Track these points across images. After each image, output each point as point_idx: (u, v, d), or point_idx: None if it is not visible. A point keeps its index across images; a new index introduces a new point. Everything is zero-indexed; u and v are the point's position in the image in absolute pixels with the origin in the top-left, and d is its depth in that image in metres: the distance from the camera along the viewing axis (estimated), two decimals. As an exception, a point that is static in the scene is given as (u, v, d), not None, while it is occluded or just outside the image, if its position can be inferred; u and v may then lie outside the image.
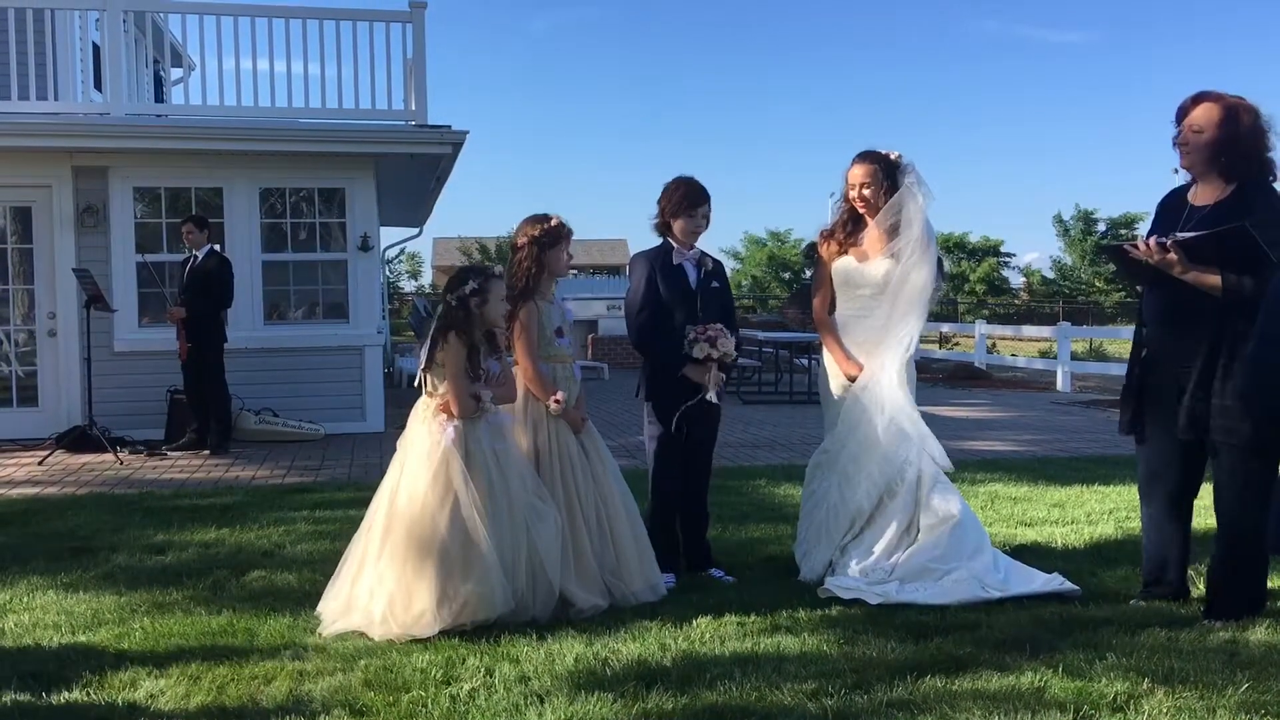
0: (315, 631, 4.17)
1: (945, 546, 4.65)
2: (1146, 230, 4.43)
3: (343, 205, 10.72)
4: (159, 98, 14.14)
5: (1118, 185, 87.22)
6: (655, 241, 5.08)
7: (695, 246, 5.05)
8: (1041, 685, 3.50)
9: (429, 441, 4.28)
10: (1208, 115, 4.10)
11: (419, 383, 4.44)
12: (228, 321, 9.57)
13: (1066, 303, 47.05)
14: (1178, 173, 4.31)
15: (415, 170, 11.50)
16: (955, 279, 48.87)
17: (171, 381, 9.71)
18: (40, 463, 8.67)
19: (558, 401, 4.56)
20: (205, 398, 9.30)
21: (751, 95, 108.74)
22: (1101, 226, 50.46)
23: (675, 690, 3.49)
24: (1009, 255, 53.95)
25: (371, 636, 4.07)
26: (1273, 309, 2.38)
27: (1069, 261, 51.79)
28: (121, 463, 8.68)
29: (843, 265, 4.95)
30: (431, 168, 11.50)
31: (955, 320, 34.45)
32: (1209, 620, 4.15)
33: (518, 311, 4.59)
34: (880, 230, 4.85)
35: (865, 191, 4.85)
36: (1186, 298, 4.08)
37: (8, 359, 10.26)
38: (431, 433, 4.29)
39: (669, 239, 5.01)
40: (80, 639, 4.14)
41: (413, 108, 10.60)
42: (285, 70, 13.54)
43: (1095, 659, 3.75)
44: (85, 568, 5.23)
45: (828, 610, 4.42)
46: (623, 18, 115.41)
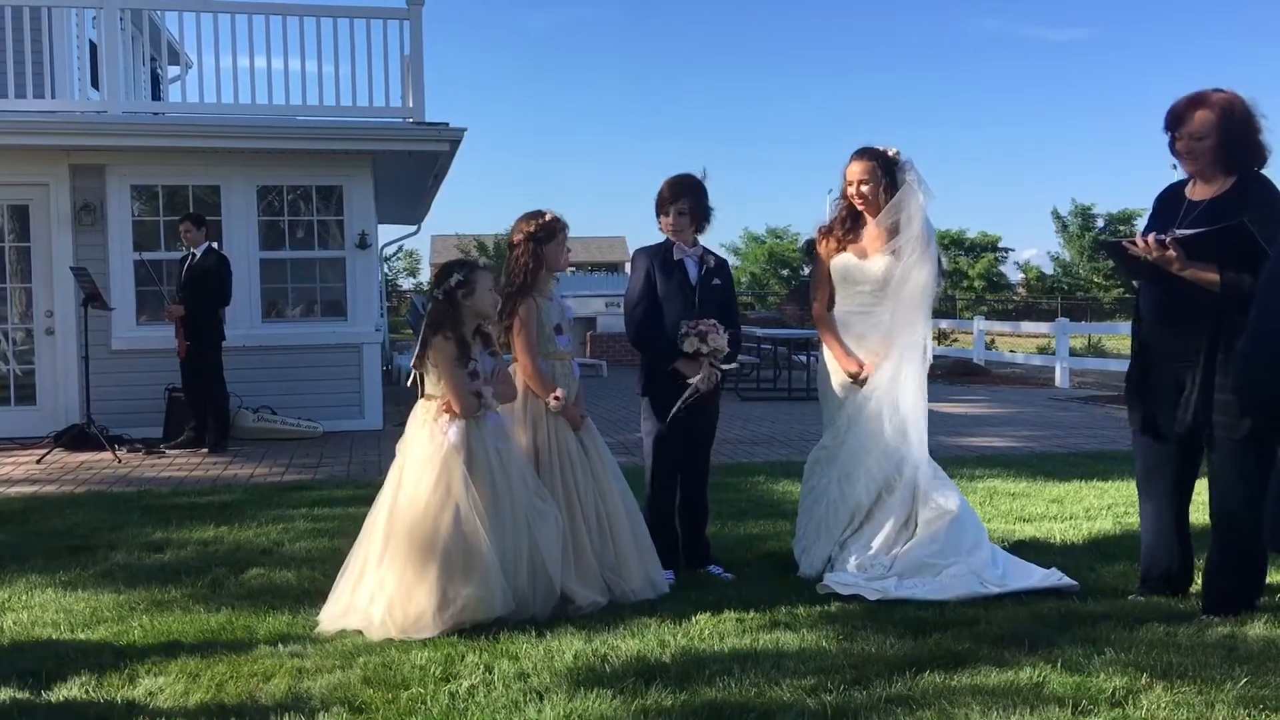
0: (313, 634, 4.16)
1: (943, 541, 4.66)
2: (1144, 225, 4.43)
3: (340, 203, 10.71)
4: (156, 96, 14.13)
5: (1116, 181, 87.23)
6: (656, 238, 5.08)
7: (698, 243, 5.04)
8: (1040, 680, 3.51)
9: (430, 445, 4.25)
10: (1206, 121, 4.10)
11: (412, 382, 4.43)
12: (226, 319, 9.56)
13: (1065, 299, 47.05)
14: (1176, 168, 4.32)
15: (413, 168, 11.48)
16: (953, 275, 48.85)
17: (169, 379, 9.70)
18: (38, 461, 8.67)
19: (557, 399, 4.55)
20: (203, 396, 9.30)
21: (750, 93, 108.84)
22: (1100, 222, 50.44)
23: (674, 687, 3.49)
24: (1007, 251, 54.06)
25: (370, 639, 4.05)
26: (1264, 303, 2.37)
27: (1067, 257, 51.78)
28: (120, 461, 8.68)
29: (842, 262, 4.94)
30: (429, 165, 11.49)
31: (954, 316, 34.42)
32: (1207, 615, 4.15)
33: (517, 309, 4.58)
34: (880, 228, 4.84)
35: (864, 188, 4.84)
36: (1184, 293, 4.08)
37: (6, 357, 10.24)
38: (433, 435, 4.26)
39: (668, 236, 5.01)
40: (79, 637, 4.14)
41: (410, 105, 10.57)
42: (282, 68, 13.50)
43: (1094, 654, 3.75)
44: (84, 566, 5.22)
45: (827, 606, 4.42)
46: (621, 15, 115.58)
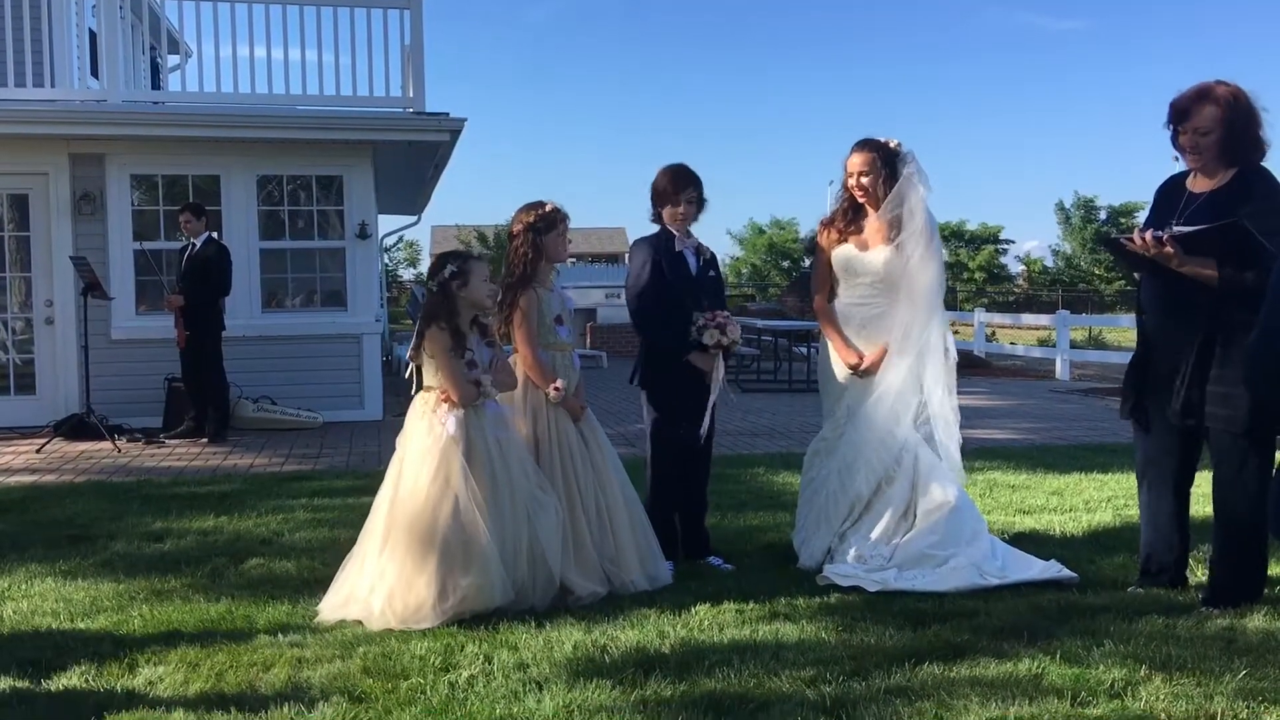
0: (313, 624, 4.16)
1: (942, 532, 4.66)
2: (1145, 217, 4.42)
3: (340, 193, 10.69)
4: (156, 85, 14.08)
5: (1119, 173, 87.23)
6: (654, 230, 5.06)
7: (692, 235, 5.03)
8: (1039, 672, 3.51)
9: (429, 437, 4.25)
10: (1212, 116, 4.09)
11: (409, 374, 4.43)
12: (225, 309, 9.56)
13: (1066, 290, 47.06)
14: (1178, 160, 4.30)
15: (413, 158, 11.46)
16: (954, 267, 48.84)
17: (169, 369, 9.70)
18: (38, 450, 8.67)
19: (557, 389, 4.54)
20: (203, 385, 9.30)
21: (750, 86, 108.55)
22: (1102, 214, 50.42)
23: (674, 677, 3.49)
24: (1008, 243, 54.04)
25: (370, 629, 4.06)
26: (1275, 300, 2.36)
27: (1068, 249, 51.76)
28: (119, 450, 8.68)
29: (843, 253, 4.93)
30: (429, 155, 11.47)
31: (954, 308, 34.30)
32: (1206, 607, 4.15)
33: (517, 299, 4.58)
34: (882, 221, 4.83)
35: (864, 180, 4.83)
36: (1184, 287, 4.08)
37: (5, 347, 10.24)
38: (432, 427, 4.26)
39: (666, 227, 4.99)
40: (78, 626, 4.14)
41: (411, 95, 10.53)
42: (282, 57, 13.41)
43: (1093, 646, 3.75)
44: (83, 555, 5.23)
45: (826, 598, 4.43)
46: (622, 7, 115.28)
